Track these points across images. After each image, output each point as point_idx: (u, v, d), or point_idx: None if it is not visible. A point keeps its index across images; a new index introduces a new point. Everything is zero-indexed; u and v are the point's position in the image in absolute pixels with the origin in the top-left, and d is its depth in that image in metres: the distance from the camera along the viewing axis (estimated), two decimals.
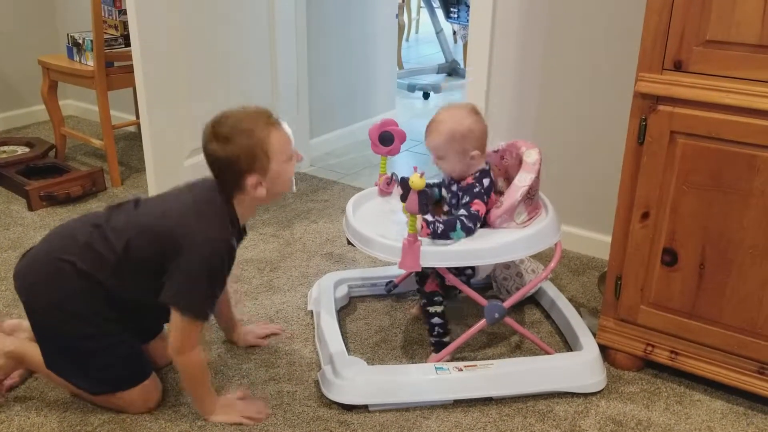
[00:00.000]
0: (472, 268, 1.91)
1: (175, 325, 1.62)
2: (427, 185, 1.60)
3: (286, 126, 1.66)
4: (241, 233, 1.75)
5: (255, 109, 1.65)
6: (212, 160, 1.63)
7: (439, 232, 1.72)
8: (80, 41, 3.13)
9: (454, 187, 1.87)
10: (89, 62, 3.09)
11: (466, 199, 1.81)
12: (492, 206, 1.83)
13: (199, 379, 1.70)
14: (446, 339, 1.93)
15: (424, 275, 1.96)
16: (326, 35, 3.42)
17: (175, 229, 1.61)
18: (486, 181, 1.84)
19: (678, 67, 1.64)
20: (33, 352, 1.76)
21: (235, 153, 1.59)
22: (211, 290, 1.63)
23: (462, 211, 1.79)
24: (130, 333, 1.72)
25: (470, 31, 2.60)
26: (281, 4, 2.97)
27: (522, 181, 1.79)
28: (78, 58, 3.18)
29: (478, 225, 1.79)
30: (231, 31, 2.76)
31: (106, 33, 3.08)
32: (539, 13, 2.44)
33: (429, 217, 1.72)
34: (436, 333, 1.93)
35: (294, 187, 1.72)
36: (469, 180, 1.84)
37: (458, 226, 1.74)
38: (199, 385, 1.71)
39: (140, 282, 1.65)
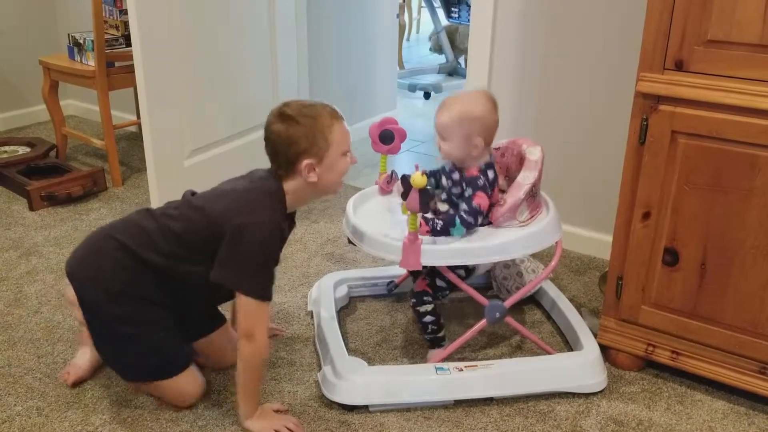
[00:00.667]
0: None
1: (244, 309, 1.62)
2: (426, 174, 1.60)
3: (346, 124, 1.73)
4: (291, 221, 1.78)
5: (322, 102, 1.73)
6: (273, 140, 1.67)
7: (438, 228, 1.72)
8: (81, 41, 3.13)
9: (456, 175, 1.85)
10: (90, 62, 3.09)
11: (469, 191, 1.80)
12: (495, 204, 1.82)
13: (257, 372, 1.68)
14: (441, 334, 1.92)
15: (416, 273, 1.95)
16: (327, 35, 3.42)
17: (228, 211, 1.64)
18: (491, 174, 1.82)
19: (679, 66, 1.64)
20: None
21: (298, 133, 1.64)
22: (268, 274, 1.64)
23: (463, 206, 1.78)
24: (170, 322, 1.72)
25: (471, 31, 2.59)
26: (281, 4, 2.97)
27: (525, 178, 1.79)
28: (79, 58, 3.18)
29: (479, 220, 1.77)
30: (232, 31, 2.75)
31: (107, 33, 3.08)
32: (540, 12, 2.44)
33: (428, 215, 1.72)
34: (429, 330, 1.92)
35: (342, 185, 1.76)
36: (474, 171, 1.82)
37: (457, 221, 1.73)
38: (254, 380, 1.68)
39: (192, 264, 1.66)
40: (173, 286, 1.69)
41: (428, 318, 1.90)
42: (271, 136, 1.68)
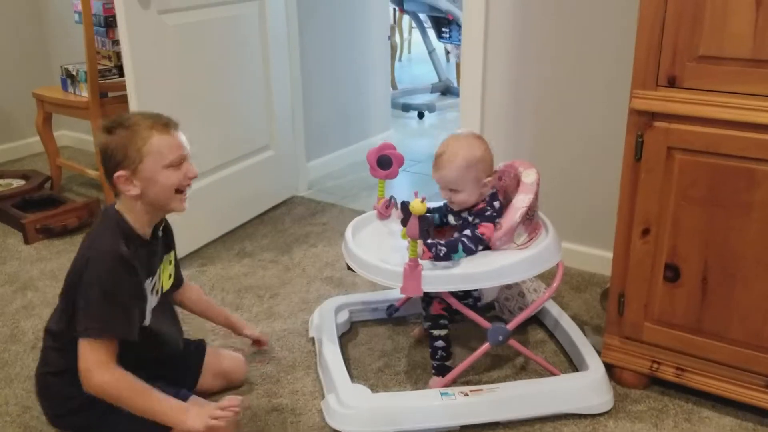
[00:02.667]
0: (479, 291, 1.89)
1: (80, 347, 1.55)
2: (428, 210, 1.59)
3: (181, 136, 1.65)
4: (152, 244, 1.69)
5: (154, 113, 1.67)
6: (98, 150, 1.66)
7: (441, 255, 1.71)
8: (74, 73, 3.13)
9: (465, 213, 1.86)
10: (83, 93, 3.10)
11: (477, 221, 1.81)
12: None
13: (125, 395, 1.55)
14: (448, 363, 1.91)
15: (429, 298, 1.95)
16: (319, 58, 3.43)
17: (75, 258, 1.63)
18: (497, 204, 1.84)
19: (672, 83, 1.64)
20: None
21: (111, 144, 1.59)
22: (106, 308, 1.55)
23: (466, 232, 1.78)
24: (151, 377, 1.63)
25: (463, 51, 2.60)
26: (274, 28, 2.98)
27: (520, 202, 1.78)
28: (72, 90, 3.18)
29: (480, 247, 1.78)
30: (224, 59, 2.76)
31: (99, 64, 3.08)
32: (531, 31, 2.44)
33: (430, 241, 1.71)
34: (438, 356, 1.91)
35: (184, 204, 1.67)
36: (481, 205, 1.84)
37: (460, 247, 1.73)
38: (132, 400, 1.56)
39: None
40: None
41: (440, 343, 1.89)
42: (97, 148, 1.66)
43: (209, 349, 1.93)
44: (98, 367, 1.55)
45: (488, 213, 1.81)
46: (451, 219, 1.92)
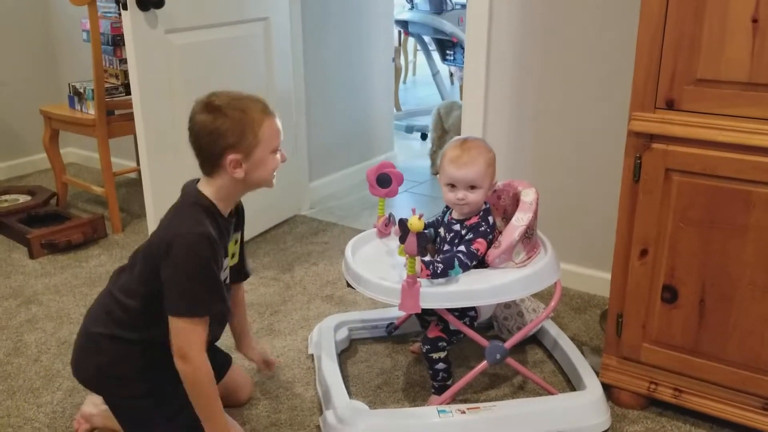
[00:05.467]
0: (475, 310, 1.90)
1: (174, 326, 1.55)
2: (424, 225, 1.61)
3: (278, 121, 1.64)
4: (228, 221, 1.67)
5: (252, 94, 1.63)
6: (198, 131, 1.57)
7: (438, 272, 1.73)
8: (81, 90, 3.17)
9: (457, 226, 1.87)
10: (90, 111, 3.13)
11: (470, 236, 1.82)
12: (491, 246, 1.83)
13: (204, 391, 1.58)
14: (449, 383, 1.92)
15: (427, 321, 1.96)
16: (324, 78, 3.47)
17: (157, 238, 1.60)
18: (491, 219, 1.85)
19: (670, 105, 1.67)
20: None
21: (225, 125, 1.55)
22: (200, 286, 1.55)
23: (461, 248, 1.79)
24: (180, 386, 1.63)
25: (465, 73, 2.63)
26: (279, 48, 3.02)
27: (519, 220, 1.80)
28: (79, 107, 3.22)
29: (474, 263, 1.79)
30: (229, 76, 2.79)
31: (106, 82, 3.13)
32: (533, 54, 2.48)
33: (427, 258, 1.73)
34: (440, 378, 1.91)
35: (273, 182, 1.68)
36: (475, 219, 1.85)
37: (456, 263, 1.74)
38: (206, 398, 1.59)
39: (159, 317, 1.60)
40: (163, 346, 1.63)
41: (440, 365, 1.90)
42: (195, 127, 1.57)
43: (232, 369, 1.92)
44: (198, 347, 1.55)
45: (482, 228, 1.82)
46: (442, 231, 1.93)
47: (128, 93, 2.95)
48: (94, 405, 1.84)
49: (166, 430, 1.69)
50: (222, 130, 1.55)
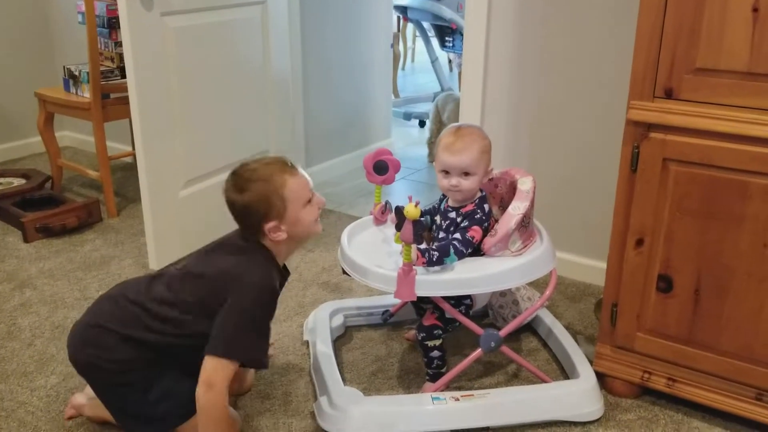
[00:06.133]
0: (471, 298, 1.90)
1: (208, 361, 1.59)
2: (421, 213, 1.60)
3: (302, 171, 1.71)
4: (283, 274, 1.77)
5: (272, 158, 1.73)
6: (232, 209, 1.68)
7: (434, 259, 1.72)
8: (76, 73, 3.15)
9: (453, 214, 1.87)
10: (85, 94, 3.11)
11: (466, 223, 1.82)
12: (487, 234, 1.83)
13: (216, 424, 1.61)
14: (444, 370, 1.92)
15: (422, 309, 1.95)
16: (321, 64, 3.45)
17: (221, 275, 1.64)
18: (486, 207, 1.85)
19: (669, 95, 1.66)
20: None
21: (253, 200, 1.64)
22: (254, 334, 1.63)
23: (456, 236, 1.79)
24: (175, 371, 1.70)
25: (464, 60, 2.62)
26: (276, 32, 3.00)
27: (516, 209, 1.79)
28: (74, 90, 3.20)
29: (470, 250, 1.79)
30: (225, 60, 2.78)
31: (102, 65, 3.11)
32: (532, 41, 2.46)
33: (423, 246, 1.72)
34: (435, 365, 1.91)
35: (320, 228, 1.76)
36: (470, 206, 1.85)
37: (451, 251, 1.74)
38: (214, 428, 1.62)
39: (189, 335, 1.65)
40: (175, 351, 1.68)
41: (435, 353, 1.90)
42: (230, 206, 1.68)
43: None
44: (226, 382, 1.59)
45: (478, 216, 1.82)
46: (438, 219, 1.93)
47: (124, 76, 2.94)
48: (85, 395, 1.85)
49: (155, 412, 1.69)
50: (252, 206, 1.65)
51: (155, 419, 1.70)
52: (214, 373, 1.58)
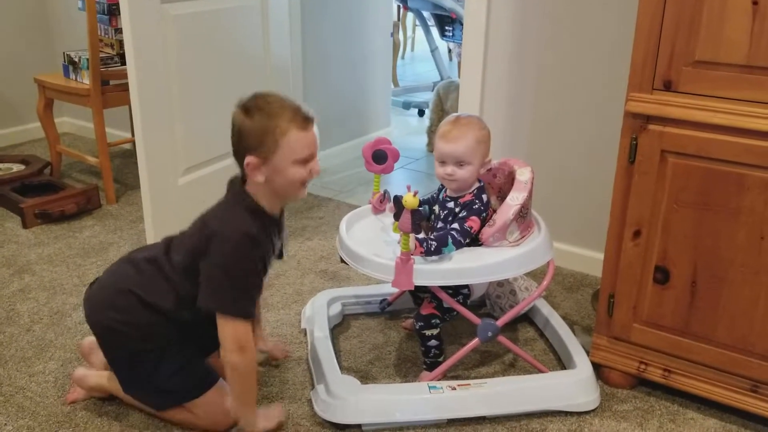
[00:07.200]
0: (468, 288, 1.91)
1: (220, 326, 1.60)
2: (419, 203, 1.61)
3: (315, 130, 1.63)
4: (274, 220, 1.70)
5: (294, 103, 1.62)
6: (232, 126, 1.61)
7: (432, 249, 1.73)
8: (76, 60, 3.14)
9: (451, 204, 1.88)
10: (85, 80, 3.11)
11: (464, 213, 1.82)
12: (485, 224, 1.83)
13: (253, 380, 1.67)
14: (441, 359, 1.93)
15: (420, 298, 1.96)
16: (321, 52, 3.45)
17: (202, 231, 1.63)
18: (484, 197, 1.85)
19: (668, 87, 1.66)
20: (112, 380, 1.78)
21: (249, 129, 1.57)
22: (240, 284, 1.60)
23: (454, 225, 1.79)
24: (191, 346, 1.72)
25: (463, 50, 2.62)
26: (276, 20, 2.99)
27: (514, 200, 1.80)
28: (74, 77, 3.19)
29: (467, 240, 1.79)
30: (225, 48, 2.77)
31: (102, 51, 3.10)
32: (532, 31, 2.46)
33: (421, 235, 1.73)
34: (432, 354, 1.92)
35: (305, 193, 1.68)
36: (468, 196, 1.85)
37: (449, 241, 1.74)
38: (250, 387, 1.67)
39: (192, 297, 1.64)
40: (187, 321, 1.69)
41: (433, 342, 1.91)
42: (232, 123, 1.62)
43: None
44: (244, 345, 1.60)
45: (476, 206, 1.82)
46: (437, 208, 1.93)
47: (123, 63, 2.93)
48: (86, 368, 1.86)
49: (165, 385, 1.71)
50: (244, 132, 1.58)
51: (163, 392, 1.71)
52: (244, 335, 1.59)
